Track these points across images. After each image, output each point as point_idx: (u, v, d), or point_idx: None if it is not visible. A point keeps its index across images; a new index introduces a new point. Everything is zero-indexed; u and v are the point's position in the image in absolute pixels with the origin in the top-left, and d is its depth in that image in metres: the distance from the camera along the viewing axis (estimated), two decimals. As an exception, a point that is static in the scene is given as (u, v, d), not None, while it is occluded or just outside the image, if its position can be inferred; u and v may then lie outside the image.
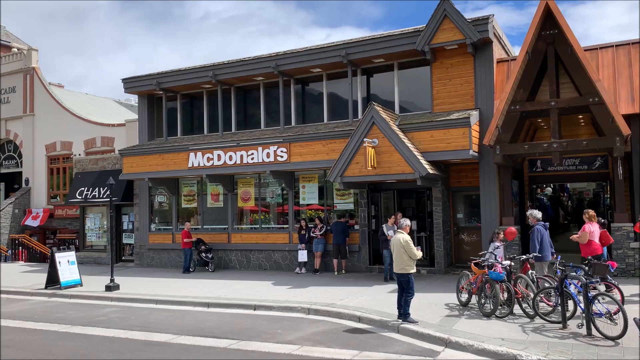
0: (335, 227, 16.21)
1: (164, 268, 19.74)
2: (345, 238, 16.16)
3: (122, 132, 24.23)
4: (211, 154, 17.94)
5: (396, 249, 10.14)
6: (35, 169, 27.34)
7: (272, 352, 8.63)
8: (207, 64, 19.28)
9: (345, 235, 16.15)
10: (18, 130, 28.12)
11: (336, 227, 16.19)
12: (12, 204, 26.67)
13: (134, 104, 33.11)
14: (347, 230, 16.30)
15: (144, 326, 10.80)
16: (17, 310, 13.10)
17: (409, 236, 10.30)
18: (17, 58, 28.63)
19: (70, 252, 16.24)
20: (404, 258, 10.04)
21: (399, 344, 8.98)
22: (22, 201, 27.02)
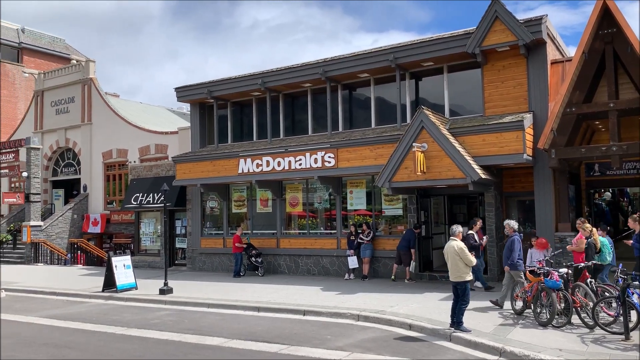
0: (405, 234, 15.86)
1: (215, 272, 20.10)
2: (408, 246, 15.72)
3: (175, 140, 24.90)
4: (260, 160, 18.17)
5: (451, 257, 9.94)
6: (93, 176, 28.45)
7: (323, 359, 8.61)
8: (256, 72, 19.57)
9: (408, 243, 15.70)
10: (77, 139, 29.35)
11: (405, 234, 15.83)
12: (71, 209, 27.83)
13: (185, 112, 34.00)
14: (412, 239, 15.76)
15: (196, 329, 11.01)
16: (76, 312, 13.62)
17: (462, 243, 10.12)
18: (75, 69, 29.93)
19: (126, 256, 16.77)
20: (459, 265, 9.85)
21: (451, 353, 8.80)
22: (80, 207, 28.16)
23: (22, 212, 28.36)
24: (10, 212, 30.25)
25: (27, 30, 42.60)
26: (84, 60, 30.72)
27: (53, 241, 26.38)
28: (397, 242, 16.11)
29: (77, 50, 45.84)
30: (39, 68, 38.54)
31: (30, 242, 25.67)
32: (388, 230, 17.21)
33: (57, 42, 44.25)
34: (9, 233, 28.24)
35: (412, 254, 15.77)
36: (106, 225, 27.22)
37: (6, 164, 28.20)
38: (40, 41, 42.54)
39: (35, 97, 31.67)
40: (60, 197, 31.13)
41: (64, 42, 45.07)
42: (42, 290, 17.05)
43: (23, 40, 41.02)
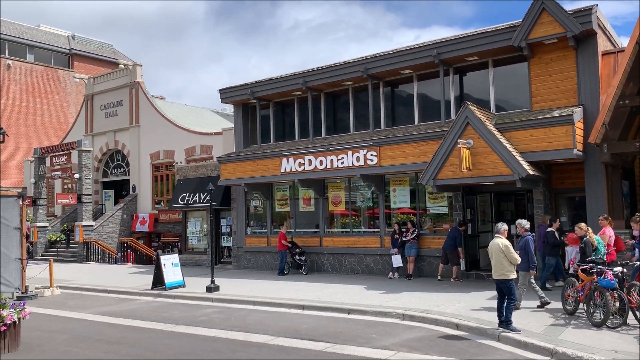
0: (449, 233, 15.64)
1: (260, 270, 20.33)
2: (454, 245, 15.48)
3: (219, 140, 25.32)
4: (302, 159, 18.25)
5: (495, 255, 9.78)
6: (141, 177, 29.26)
7: (368, 357, 8.58)
8: (297, 72, 19.67)
9: (454, 242, 15.45)
10: (125, 141, 30.24)
11: (450, 233, 15.62)
12: (121, 209, 28.71)
13: (229, 113, 34.52)
14: (458, 237, 15.49)
15: (242, 327, 11.16)
16: (127, 309, 14.04)
17: (508, 241, 9.93)
18: (123, 74, 30.84)
19: (174, 255, 17.18)
20: (504, 264, 9.69)
21: (500, 353, 8.61)
22: (129, 207, 29.01)
23: (74, 212, 29.46)
24: (63, 213, 31.47)
25: (77, 36, 44.22)
26: (131, 65, 31.63)
27: (104, 240, 27.28)
28: (442, 241, 15.87)
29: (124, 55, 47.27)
30: (88, 73, 39.96)
31: (82, 241, 26.63)
32: (433, 228, 16.98)
33: (106, 48, 45.74)
34: (62, 233, 29.42)
35: (460, 253, 15.50)
36: (154, 225, 27.95)
37: (59, 166, 29.34)
38: (90, 47, 44.09)
39: (86, 101, 32.82)
40: (110, 197, 32.17)
41: (112, 47, 46.55)
42: (95, 287, 17.65)
43: (73, 46, 42.61)
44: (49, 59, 40.91)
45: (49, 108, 40.06)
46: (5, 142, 21.31)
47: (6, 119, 34.51)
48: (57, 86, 40.86)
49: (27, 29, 41.02)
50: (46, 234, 29.21)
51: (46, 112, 39.84)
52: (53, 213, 32.71)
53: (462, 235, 15.69)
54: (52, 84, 40.46)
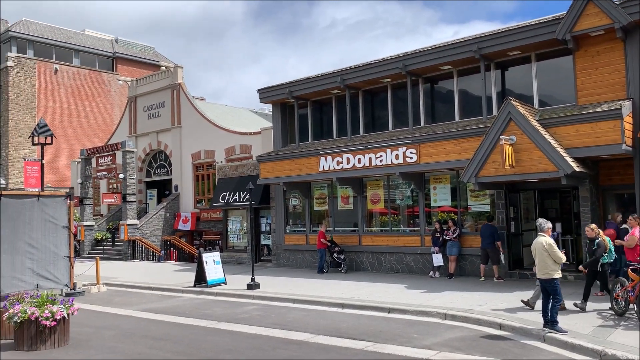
0: (484, 231, 15.40)
1: (299, 268, 20.42)
2: (494, 242, 15.25)
3: (258, 140, 25.56)
4: (340, 158, 18.23)
5: (539, 253, 9.55)
6: (183, 176, 29.83)
7: (410, 357, 8.49)
8: (335, 70, 19.65)
9: (493, 239, 15.22)
10: (167, 141, 30.89)
11: (484, 231, 15.37)
12: (164, 208, 29.35)
13: (267, 112, 34.82)
14: (495, 233, 15.30)
15: (283, 324, 11.24)
16: (171, 306, 14.34)
17: (552, 239, 9.67)
18: (165, 76, 31.50)
19: (215, 253, 17.44)
20: (547, 262, 9.45)
21: (545, 354, 8.39)
22: (172, 206, 29.63)
23: (119, 211, 30.28)
24: (109, 212, 32.40)
25: (121, 40, 45.42)
26: (173, 67, 32.27)
27: (148, 238, 27.95)
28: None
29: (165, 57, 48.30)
30: (131, 75, 41.01)
31: (127, 239, 27.35)
32: (474, 227, 16.67)
33: (148, 50, 46.82)
34: (108, 231, 30.29)
35: (499, 246, 15.20)
36: (196, 223, 28.46)
37: (104, 166, 30.21)
38: (132, 50, 45.22)
39: (129, 103, 33.68)
40: (153, 196, 32.94)
41: (154, 50, 47.62)
42: (139, 285, 18.11)
43: (117, 50, 43.80)
44: (94, 62, 42.18)
45: (94, 110, 41.31)
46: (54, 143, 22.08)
47: (54, 122, 35.75)
48: (101, 89, 42.09)
49: (73, 34, 42.40)
50: (93, 232, 30.15)
51: (91, 114, 41.10)
52: (99, 212, 33.72)
53: (497, 230, 15.39)
54: (97, 86, 41.70)
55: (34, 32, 39.40)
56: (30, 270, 15.54)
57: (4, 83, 37.53)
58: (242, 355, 8.96)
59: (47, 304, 9.89)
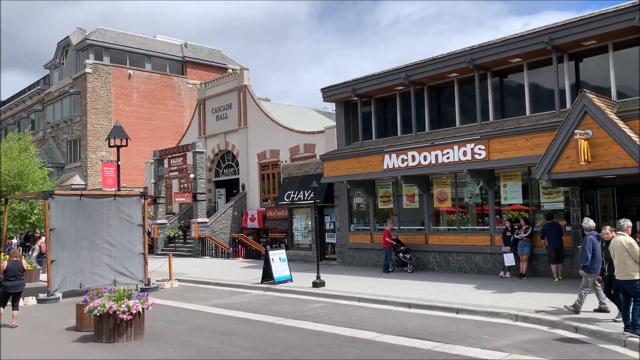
0: (551, 229, 14.80)
1: (364, 267, 20.35)
2: (562, 241, 14.72)
3: (322, 139, 25.70)
4: (405, 155, 17.99)
5: (617, 253, 9.04)
6: (250, 176, 30.49)
7: (479, 358, 8.26)
8: (399, 67, 19.41)
9: (560, 235, 14.73)
10: (235, 142, 31.67)
11: (551, 229, 14.78)
12: (232, 207, 30.11)
13: (331, 111, 34.94)
14: (562, 231, 14.87)
15: (348, 322, 11.23)
16: (239, 302, 14.68)
17: (632, 238, 9.13)
18: (232, 78, 32.30)
19: (281, 250, 17.70)
20: (627, 263, 8.93)
21: (627, 361, 7.91)
22: (239, 204, 30.34)
23: (190, 210, 31.36)
24: (180, 210, 33.63)
25: (189, 44, 47.00)
26: (239, 69, 33.01)
27: (217, 236, 28.77)
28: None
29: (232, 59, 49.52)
30: (200, 79, 42.34)
31: (197, 237, 28.28)
32: (547, 225, 15.98)
33: (215, 53, 48.18)
34: (180, 229, 31.45)
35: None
36: (262, 221, 29.01)
37: (176, 167, 31.38)
38: (200, 54, 46.68)
39: (198, 105, 34.79)
40: (222, 195, 33.89)
41: (221, 53, 48.94)
42: (209, 281, 18.66)
43: (186, 54, 45.35)
44: (165, 67, 43.87)
45: (166, 113, 42.97)
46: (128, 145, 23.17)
47: (129, 125, 37.47)
48: (172, 92, 43.72)
49: (145, 40, 44.29)
50: (165, 230, 31.40)
51: (163, 116, 42.78)
52: (171, 211, 35.05)
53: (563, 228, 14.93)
54: (167, 90, 43.36)
55: (109, 39, 41.49)
56: (108, 266, 16.41)
57: (82, 89, 39.75)
58: (308, 352, 9.03)
59: (123, 299, 10.38)
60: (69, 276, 15.66)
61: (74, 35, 42.26)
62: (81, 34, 42.22)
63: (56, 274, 15.44)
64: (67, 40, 42.50)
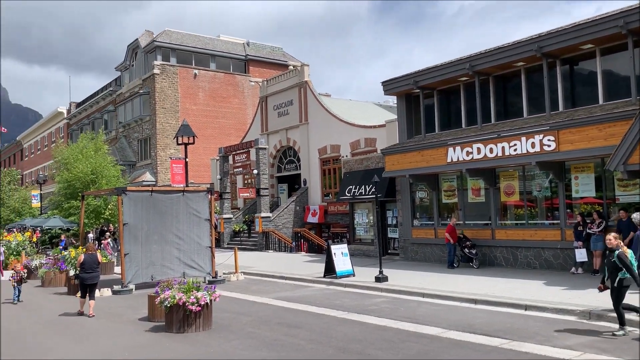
0: (625, 227, 13.89)
1: (427, 262, 20.06)
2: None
3: (383, 133, 25.50)
4: (470, 148, 17.55)
5: None
6: (311, 171, 30.73)
7: (550, 357, 7.96)
8: (462, 57, 18.93)
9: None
10: (296, 138, 32.00)
11: (625, 226, 13.87)
12: (294, 202, 30.48)
13: (392, 105, 34.60)
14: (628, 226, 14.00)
15: (412, 318, 11.12)
16: (302, 295, 14.85)
17: None
18: (292, 75, 32.63)
19: (343, 245, 17.73)
20: None
21: None
22: (301, 199, 30.66)
23: (254, 205, 32.01)
24: (244, 205, 34.40)
25: (252, 43, 47.86)
26: (299, 66, 33.31)
27: (280, 230, 29.22)
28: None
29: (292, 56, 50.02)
30: (261, 76, 43.05)
31: (261, 231, 28.84)
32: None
33: (276, 51, 48.80)
34: (244, 223, 32.19)
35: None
36: (324, 216, 29.19)
37: (240, 163, 32.10)
38: (262, 52, 47.43)
39: (260, 102, 35.40)
40: (284, 191, 34.38)
41: (282, 50, 49.51)
42: (273, 274, 18.99)
43: (248, 52, 46.22)
44: (228, 66, 44.90)
45: (230, 111, 44.00)
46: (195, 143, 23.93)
47: (195, 123, 38.64)
48: (235, 90, 44.71)
49: (209, 40, 45.48)
50: (231, 224, 32.23)
51: (227, 114, 43.83)
52: (236, 206, 35.92)
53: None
54: (231, 88, 44.37)
55: (175, 40, 42.91)
56: (177, 259, 17.03)
57: (151, 89, 41.36)
58: (372, 346, 9.01)
59: (192, 291, 10.75)
60: (141, 269, 16.37)
61: (143, 38, 44.01)
62: (149, 36, 43.90)
63: (129, 266, 16.19)
64: (136, 43, 44.33)
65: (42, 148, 64.49)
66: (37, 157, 65.61)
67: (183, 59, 42.76)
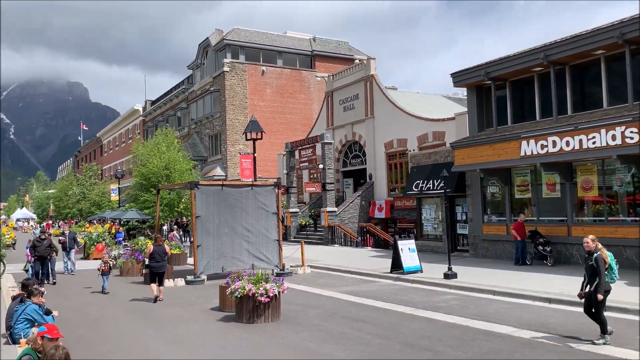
0: None
1: (499, 259, 19.45)
2: None
3: (452, 126, 24.92)
4: (545, 141, 16.82)
5: None
6: (377, 165, 30.55)
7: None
8: (536, 46, 18.15)
9: None
10: (362, 132, 31.89)
11: None
12: (359, 196, 30.43)
13: (461, 97, 33.76)
14: None
15: (483, 316, 10.83)
16: (368, 290, 14.80)
17: None
18: (358, 69, 32.49)
19: (411, 240, 17.53)
20: None
21: None
22: (367, 194, 30.56)
23: (319, 199, 32.24)
24: (310, 200, 34.72)
25: (317, 38, 48.14)
26: (365, 59, 33.10)
27: (345, 225, 29.27)
28: None
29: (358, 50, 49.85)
30: (327, 71, 43.15)
31: (327, 225, 28.99)
32: None
33: (342, 46, 48.81)
34: (310, 217, 32.49)
35: None
36: (390, 211, 28.95)
37: (306, 158, 32.41)
38: (328, 46, 47.59)
39: (326, 97, 35.53)
40: (350, 185, 34.39)
41: (348, 45, 49.46)
42: (339, 268, 19.06)
43: (315, 48, 46.51)
44: (295, 61, 45.38)
45: (296, 106, 44.50)
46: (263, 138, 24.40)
47: (263, 119, 39.34)
48: (301, 86, 45.13)
49: (276, 37, 46.15)
50: (297, 218, 32.63)
51: (293, 110, 44.35)
52: (302, 200, 36.31)
53: None
54: (297, 84, 44.84)
55: (243, 38, 43.85)
56: (246, 251, 17.45)
57: (221, 87, 42.51)
58: (441, 343, 8.86)
59: (261, 282, 10.98)
60: (212, 260, 16.91)
61: (213, 37, 45.27)
62: (219, 35, 45.09)
63: (201, 257, 16.76)
64: (207, 42, 45.66)
65: (120, 144, 67.92)
66: (116, 152, 69.18)
67: (251, 56, 43.63)
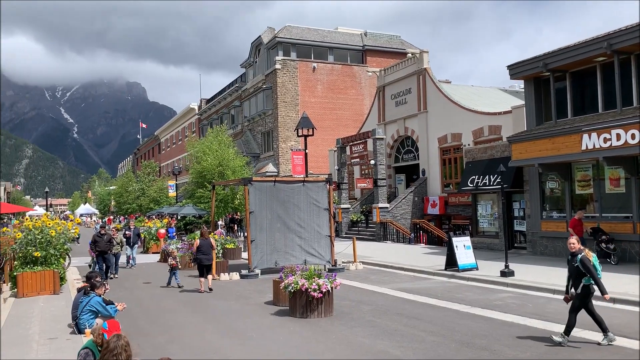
0: None
1: (558, 257, 18.75)
2: None
3: (508, 120, 24.22)
4: (608, 134, 16.06)
5: None
6: (430, 161, 30.09)
7: None
8: (599, 35, 17.35)
9: None
10: (414, 127, 31.48)
11: None
12: (412, 192, 30.07)
13: (518, 90, 32.76)
14: None
15: (541, 315, 10.49)
16: (422, 287, 14.62)
17: None
18: (410, 62, 32.05)
19: (466, 237, 17.15)
20: None
21: None
22: (420, 190, 30.17)
23: (371, 195, 32.07)
24: (362, 196, 34.60)
25: (369, 33, 47.83)
26: (418, 53, 32.61)
27: (398, 221, 29.01)
28: None
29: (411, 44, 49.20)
30: (379, 66, 42.84)
31: (379, 221, 28.82)
32: None
33: (394, 40, 48.32)
34: (361, 214, 32.38)
35: None
36: (444, 207, 28.46)
37: (357, 153, 32.29)
38: (380, 41, 47.21)
39: (378, 92, 35.27)
40: (402, 181, 34.03)
41: (399, 39, 48.90)
42: (392, 265, 18.91)
43: (366, 42, 46.24)
44: (345, 57, 45.28)
45: (347, 102, 44.41)
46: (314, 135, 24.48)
47: (314, 115, 39.51)
48: (352, 81, 44.99)
49: (327, 33, 46.17)
50: (348, 214, 32.60)
51: (344, 106, 44.29)
52: (353, 196, 36.23)
53: None
54: (348, 80, 44.72)
55: (295, 35, 44.11)
56: (299, 247, 17.60)
57: (273, 84, 42.96)
58: (497, 342, 8.64)
59: (314, 277, 11.04)
60: (265, 255, 17.15)
61: (265, 35, 45.79)
62: (271, 33, 45.56)
63: (255, 252, 17.03)
64: (259, 40, 46.23)
65: (176, 142, 69.89)
66: (173, 150, 71.25)
67: (302, 53, 43.85)
